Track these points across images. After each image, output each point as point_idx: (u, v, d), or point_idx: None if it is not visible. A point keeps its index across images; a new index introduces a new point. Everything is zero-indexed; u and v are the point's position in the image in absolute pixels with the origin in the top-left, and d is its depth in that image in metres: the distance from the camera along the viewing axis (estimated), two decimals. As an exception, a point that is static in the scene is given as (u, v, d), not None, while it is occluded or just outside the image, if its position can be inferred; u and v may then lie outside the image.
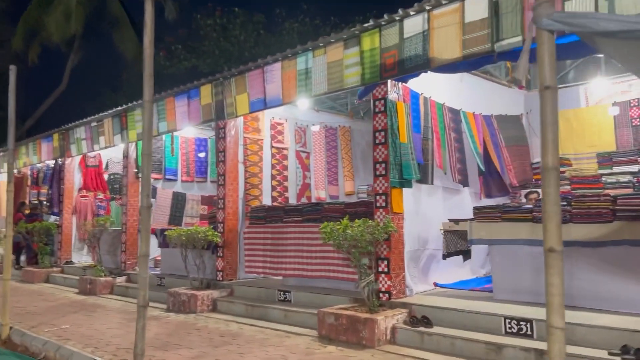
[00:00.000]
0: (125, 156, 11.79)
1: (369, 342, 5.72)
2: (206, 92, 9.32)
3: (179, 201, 12.66)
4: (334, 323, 6.10)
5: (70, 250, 13.90)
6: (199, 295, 8.21)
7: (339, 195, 11.15)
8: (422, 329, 5.70)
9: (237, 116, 8.91)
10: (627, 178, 7.83)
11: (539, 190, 8.18)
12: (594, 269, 5.50)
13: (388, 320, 5.86)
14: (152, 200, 12.21)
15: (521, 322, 5.21)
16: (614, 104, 8.50)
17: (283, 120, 10.16)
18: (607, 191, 7.96)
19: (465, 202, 8.02)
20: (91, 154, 14.18)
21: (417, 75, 6.36)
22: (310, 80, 7.47)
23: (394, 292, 6.44)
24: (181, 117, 9.98)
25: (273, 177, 9.82)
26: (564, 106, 9.15)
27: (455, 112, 7.84)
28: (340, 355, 5.48)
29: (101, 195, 14.60)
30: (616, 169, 8.11)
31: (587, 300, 5.48)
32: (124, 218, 11.65)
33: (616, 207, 5.36)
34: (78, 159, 14.20)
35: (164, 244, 10.48)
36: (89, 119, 12.67)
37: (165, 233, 8.95)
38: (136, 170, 11.65)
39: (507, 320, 5.31)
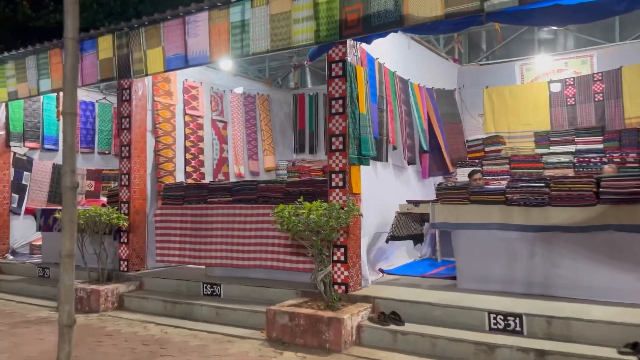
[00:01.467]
0: (-9, 119, 9.59)
1: (335, 345, 4.87)
2: (106, 44, 7.66)
3: (60, 175, 10.66)
4: (288, 324, 5.15)
5: None
6: (101, 290, 6.76)
7: (259, 172, 10.06)
8: (393, 327, 4.98)
9: (147, 75, 7.41)
10: (568, 158, 7.75)
11: (481, 170, 7.85)
12: (575, 255, 5.13)
13: (354, 318, 5.04)
14: (27, 173, 10.16)
15: (509, 317, 4.68)
16: (551, 82, 8.39)
17: (198, 84, 8.78)
18: (547, 171, 7.83)
19: (411, 181, 7.42)
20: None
21: (384, 35, 5.50)
22: (248, 35, 6.28)
23: (351, 284, 5.63)
24: (71, 74, 8.16)
25: (187, 150, 8.47)
26: (498, 82, 8.92)
27: (404, 83, 7.15)
28: (305, 364, 4.57)
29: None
30: (553, 149, 8.02)
31: (568, 290, 5.11)
32: (-12, 195, 9.51)
33: (600, 189, 5.00)
34: None
35: (46, 226, 8.68)
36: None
37: (56, 215, 7.27)
38: (1, 134, 9.54)
39: (492, 315, 4.76)
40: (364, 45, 6.09)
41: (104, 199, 10.45)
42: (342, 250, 5.63)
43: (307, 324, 5.04)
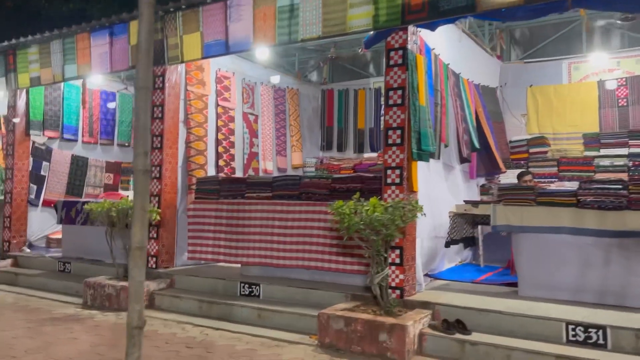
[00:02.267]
0: (12, 107, 9.20)
1: (397, 354, 4.49)
2: (139, 28, 7.28)
3: (79, 167, 10.30)
4: (343, 329, 4.77)
5: None
6: (132, 288, 6.35)
7: (287, 168, 9.69)
8: (459, 336, 4.60)
9: (182, 61, 7.07)
10: (622, 161, 7.38)
11: (531, 171, 7.48)
12: (658, 263, 4.75)
13: (416, 325, 4.67)
14: (46, 164, 9.78)
15: (590, 329, 4.31)
16: (601, 81, 8.03)
17: (230, 74, 8.41)
18: (599, 175, 7.46)
19: (458, 181, 7.04)
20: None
21: (452, 21, 5.18)
22: (297, 20, 5.92)
23: (406, 288, 5.26)
24: (100, 60, 7.81)
25: (219, 143, 8.09)
26: (543, 81, 8.56)
27: (456, 76, 6.78)
28: (369, 375, 4.19)
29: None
30: (604, 152, 7.65)
31: (649, 300, 4.74)
32: (7, 185, 9.12)
33: (688, 192, 4.63)
34: None
35: (68, 219, 8.29)
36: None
37: (86, 207, 6.89)
38: (13, 121, 9.16)
39: (571, 327, 4.38)
40: (422, 33, 5.73)
41: (123, 193, 10.10)
42: (398, 251, 5.25)
43: (365, 330, 4.66)
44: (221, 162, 8.13)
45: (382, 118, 10.15)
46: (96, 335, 5.26)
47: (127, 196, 9.60)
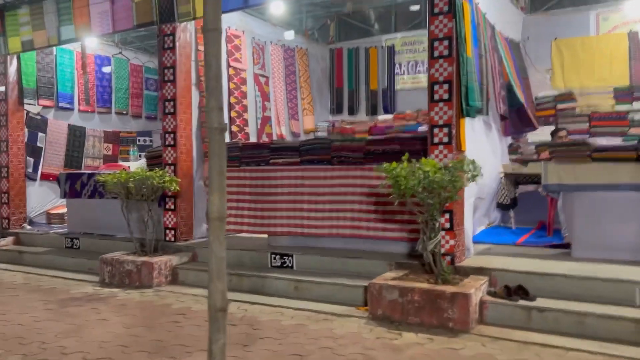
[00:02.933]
0: (2, 74, 8.53)
1: (460, 324, 4.20)
2: (144, -17, 6.70)
3: (76, 137, 9.72)
4: (398, 300, 4.45)
5: None
6: (154, 262, 5.97)
7: (300, 133, 9.24)
8: (523, 302, 4.32)
9: (195, 18, 6.54)
10: (660, 115, 7.10)
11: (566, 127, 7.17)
12: None
13: (477, 293, 4.37)
14: (42, 134, 9.19)
15: (667, 291, 4.05)
16: (631, 33, 7.66)
17: (240, 33, 7.85)
18: (633, 130, 7.17)
19: (495, 139, 6.69)
20: None
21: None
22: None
23: (457, 254, 4.95)
24: (99, 20, 7.20)
25: (231, 107, 7.60)
26: (569, 34, 8.14)
27: (492, 28, 6.35)
28: (436, 347, 3.89)
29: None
30: (637, 105, 7.35)
31: None
32: (2, 158, 8.54)
33: None
34: None
35: (72, 192, 7.80)
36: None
37: (99, 178, 6.40)
38: (13, 89, 8.54)
39: (645, 289, 4.12)
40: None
41: (124, 164, 9.60)
42: (448, 215, 4.91)
43: (423, 301, 4.35)
44: (234, 128, 7.66)
45: (396, 77, 9.77)
46: (126, 315, 4.88)
47: (129, 167, 9.16)
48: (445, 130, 4.95)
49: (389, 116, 9.36)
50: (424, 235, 4.59)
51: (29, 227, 8.65)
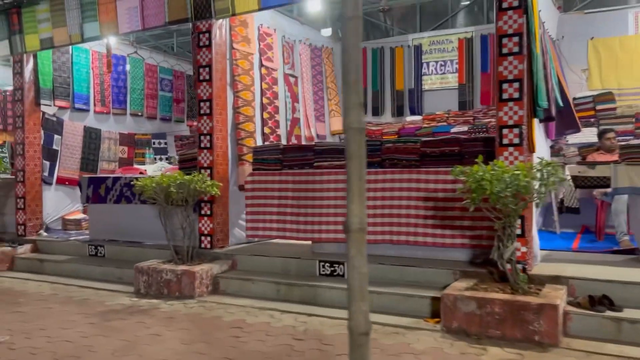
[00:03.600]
0: (18, 73, 8.15)
1: (549, 337, 3.94)
2: (178, -24, 6.38)
3: (92, 140, 9.34)
4: (475, 312, 4.19)
5: None
6: (196, 272, 5.65)
7: (325, 135, 8.95)
8: (611, 313, 4.08)
9: (234, 14, 6.20)
10: None
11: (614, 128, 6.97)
12: None
13: (561, 304, 4.12)
14: (57, 137, 8.80)
15: None
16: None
17: (272, 31, 7.56)
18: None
19: (543, 140, 6.45)
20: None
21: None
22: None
23: (529, 262, 4.70)
24: (128, 17, 6.86)
25: (264, 108, 7.29)
26: (606, 33, 7.98)
27: (543, 26, 6.11)
28: (531, 364, 3.63)
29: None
30: (679, 106, 7.20)
31: None
32: (19, 162, 8.15)
33: None
34: None
35: (96, 197, 7.43)
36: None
37: (136, 183, 6.05)
38: (19, 90, 8.16)
39: None
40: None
41: (140, 167, 9.27)
42: (519, 222, 4.66)
43: (504, 313, 4.09)
44: (266, 130, 7.35)
45: (423, 77, 9.53)
46: (178, 329, 4.55)
47: (145, 170, 8.82)
48: (516, 131, 4.71)
49: (418, 117, 9.14)
50: (500, 243, 4.34)
51: (45, 233, 8.26)
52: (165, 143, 10.72)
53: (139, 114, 10.24)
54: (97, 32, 7.19)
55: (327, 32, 8.51)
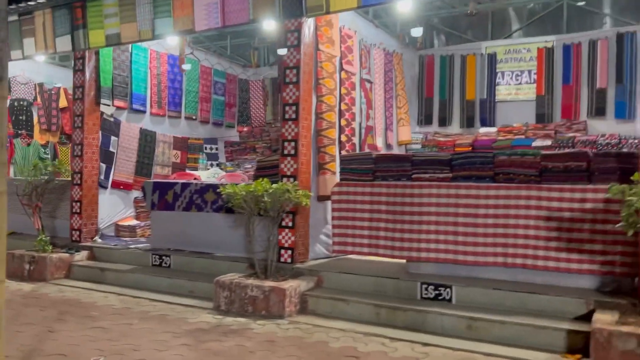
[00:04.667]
0: (79, 70, 7.77)
1: None
2: (266, -29, 5.98)
3: (147, 143, 8.95)
4: (635, 351, 3.67)
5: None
6: (286, 288, 5.17)
7: (393, 145, 8.50)
8: None
9: (328, 12, 5.79)
10: None
11: None
12: None
13: None
14: (114, 139, 8.41)
15: None
16: None
17: (352, 33, 7.13)
18: None
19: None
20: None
21: None
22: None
23: (669, 292, 4.19)
24: (206, 12, 6.46)
25: (342, 114, 6.83)
26: None
27: None
28: None
29: None
30: None
31: None
32: (76, 164, 7.74)
33: None
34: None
35: (163, 204, 7.00)
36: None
37: (224, 190, 5.59)
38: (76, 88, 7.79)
39: None
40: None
41: (194, 173, 8.87)
42: (662, 247, 4.16)
43: (673, 353, 3.58)
44: (343, 138, 6.88)
45: (497, 87, 9.06)
46: (288, 357, 4.07)
47: (199, 177, 8.41)
48: (667, 147, 4.21)
49: (492, 129, 8.68)
50: (657, 272, 3.83)
51: (100, 240, 7.84)
52: (217, 149, 10.33)
53: (193, 117, 9.85)
54: (170, 28, 6.80)
55: (418, 31, 8.05)
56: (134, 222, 8.43)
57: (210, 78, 10.18)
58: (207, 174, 8.96)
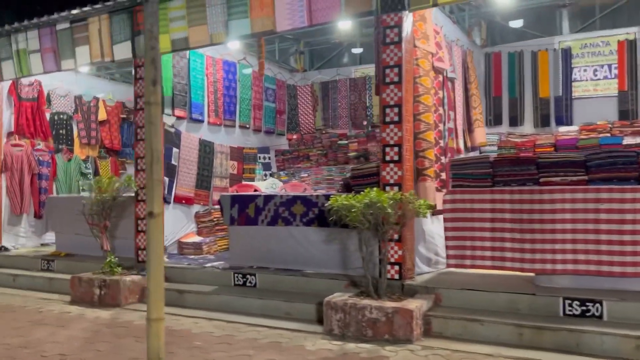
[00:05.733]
0: (140, 78, 7.27)
1: None
2: (362, -38, 5.52)
3: (206, 154, 8.46)
4: None
5: (-1, 229, 8.92)
6: (412, 309, 4.66)
7: (470, 147, 8.01)
8: None
9: (436, 5, 5.32)
10: None
11: None
12: None
13: None
14: (176, 150, 7.92)
15: None
16: None
17: (439, 28, 6.66)
18: None
19: None
20: (26, 81, 9.27)
21: None
22: None
23: None
24: (290, 10, 6.00)
25: (433, 115, 6.34)
26: None
27: None
28: None
29: (41, 145, 9.66)
30: None
31: None
32: (140, 179, 7.24)
33: None
34: (7, 86, 9.14)
35: (243, 218, 6.50)
36: (54, 16, 7.75)
37: (332, 202, 5.04)
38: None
39: None
40: None
41: (253, 184, 8.39)
42: None
43: None
44: (433, 140, 6.39)
45: (573, 84, 8.59)
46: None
47: (259, 188, 7.92)
48: None
49: (573, 128, 8.19)
50: None
51: (166, 259, 7.33)
52: (269, 158, 9.85)
53: (247, 126, 9.39)
54: (247, 29, 6.32)
55: (517, 23, 7.57)
56: (197, 238, 7.93)
57: (262, 84, 9.71)
58: (265, 185, 8.49)
